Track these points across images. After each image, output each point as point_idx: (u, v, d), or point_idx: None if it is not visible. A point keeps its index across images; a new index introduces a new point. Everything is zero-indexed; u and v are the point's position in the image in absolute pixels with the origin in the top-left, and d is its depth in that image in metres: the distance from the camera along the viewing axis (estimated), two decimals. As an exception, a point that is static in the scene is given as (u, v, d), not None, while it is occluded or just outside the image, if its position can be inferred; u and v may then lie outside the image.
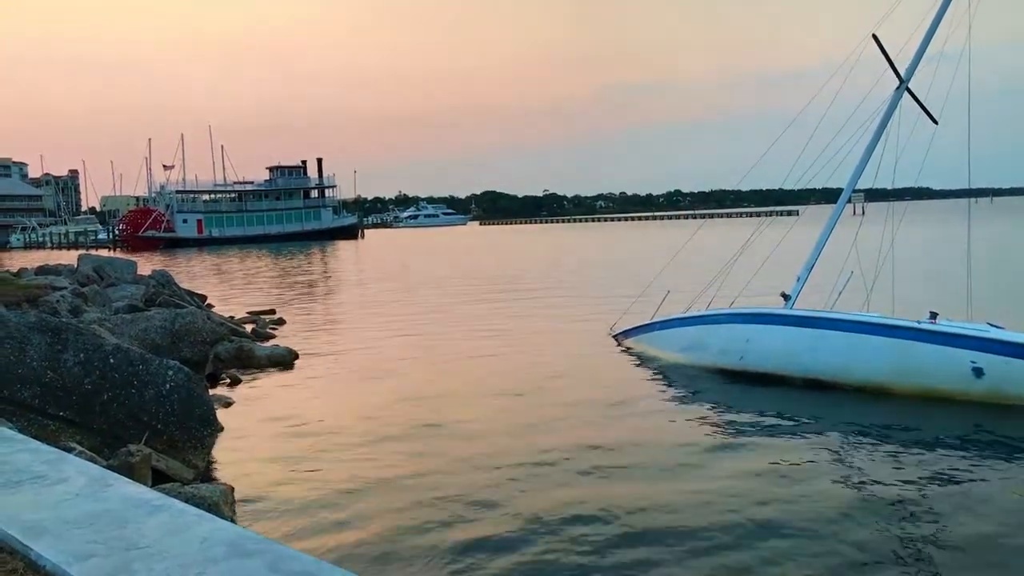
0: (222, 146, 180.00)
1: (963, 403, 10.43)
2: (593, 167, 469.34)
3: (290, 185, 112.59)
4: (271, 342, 17.06)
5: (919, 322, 11.28)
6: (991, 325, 11.21)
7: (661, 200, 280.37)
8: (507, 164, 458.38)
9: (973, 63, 12.20)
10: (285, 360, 14.90)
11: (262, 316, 21.70)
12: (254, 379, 13.63)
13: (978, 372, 10.45)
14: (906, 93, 13.14)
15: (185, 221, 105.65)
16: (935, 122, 13.17)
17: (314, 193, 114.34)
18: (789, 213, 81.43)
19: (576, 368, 13.85)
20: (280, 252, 72.40)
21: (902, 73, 13.10)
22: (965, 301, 12.26)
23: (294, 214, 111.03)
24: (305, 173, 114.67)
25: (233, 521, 6.66)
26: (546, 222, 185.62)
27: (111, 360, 8.27)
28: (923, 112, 13.19)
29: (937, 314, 11.49)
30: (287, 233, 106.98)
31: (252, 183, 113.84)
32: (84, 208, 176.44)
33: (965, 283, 12.42)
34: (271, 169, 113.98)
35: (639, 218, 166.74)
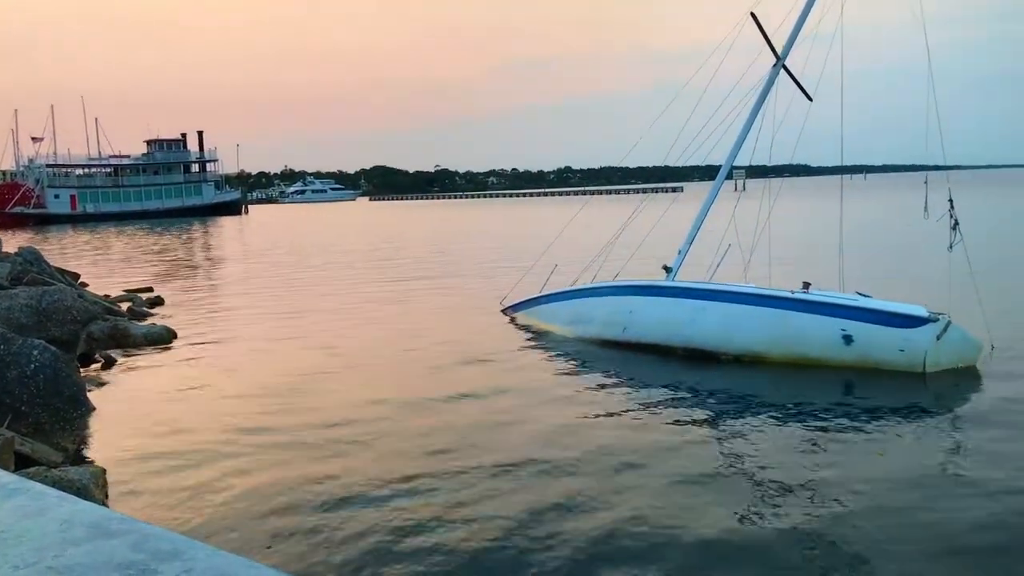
0: (96, 119, 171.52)
1: (834, 369, 10.89)
2: (486, 143, 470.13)
3: (169, 159, 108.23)
4: (149, 321, 16.46)
5: (793, 292, 11.71)
6: (860, 294, 11.73)
7: (552, 177, 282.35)
8: (398, 139, 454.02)
9: (846, 43, 12.67)
10: (163, 339, 14.40)
11: (139, 295, 20.89)
12: (130, 359, 13.11)
13: (848, 339, 10.92)
14: (783, 71, 13.54)
15: (57, 197, 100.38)
16: (810, 99, 13.61)
17: (195, 167, 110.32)
18: (674, 189, 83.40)
19: (465, 343, 13.83)
20: (159, 229, 69.80)
21: (779, 51, 13.48)
22: (837, 272, 12.81)
23: (174, 189, 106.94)
24: (185, 147, 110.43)
25: (105, 504, 6.40)
26: (438, 198, 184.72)
27: (-31, 340, 7.80)
28: (799, 89, 13.62)
29: (810, 284, 11.97)
30: (167, 209, 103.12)
31: (129, 157, 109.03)
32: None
33: (837, 255, 12.96)
34: (149, 143, 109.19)
35: (530, 194, 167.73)
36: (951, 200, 11.41)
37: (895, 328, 10.71)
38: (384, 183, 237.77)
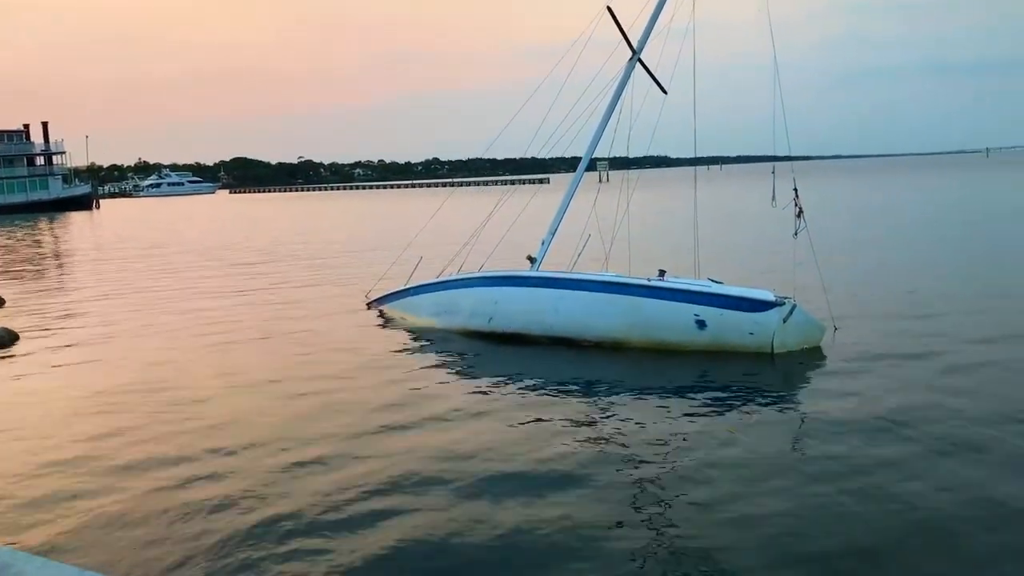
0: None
1: (689, 353, 11.29)
2: (351, 134, 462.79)
3: (11, 152, 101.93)
4: (-13, 323, 15.44)
5: (649, 280, 12.07)
6: (712, 280, 12.19)
7: (420, 168, 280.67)
8: (260, 130, 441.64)
9: (700, 38, 13.08)
10: (2, 342, 13.54)
11: (-23, 295, 19.60)
12: (-35, 364, 12.28)
13: (701, 324, 11.33)
14: (639, 64, 13.87)
15: None
16: (664, 92, 14.01)
17: (40, 160, 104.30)
18: (540, 181, 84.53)
19: (330, 337, 13.62)
20: (1, 225, 65.63)
21: (635, 45, 13.81)
22: (692, 259, 13.28)
23: (17, 184, 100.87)
24: (28, 138, 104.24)
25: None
26: (302, 190, 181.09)
27: None
28: (654, 83, 14.00)
29: (665, 272, 12.37)
30: (10, 204, 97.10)
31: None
32: None
33: (692, 243, 13.44)
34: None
35: (397, 186, 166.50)
36: (796, 189, 11.98)
37: (744, 312, 11.18)
38: (245, 175, 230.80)
